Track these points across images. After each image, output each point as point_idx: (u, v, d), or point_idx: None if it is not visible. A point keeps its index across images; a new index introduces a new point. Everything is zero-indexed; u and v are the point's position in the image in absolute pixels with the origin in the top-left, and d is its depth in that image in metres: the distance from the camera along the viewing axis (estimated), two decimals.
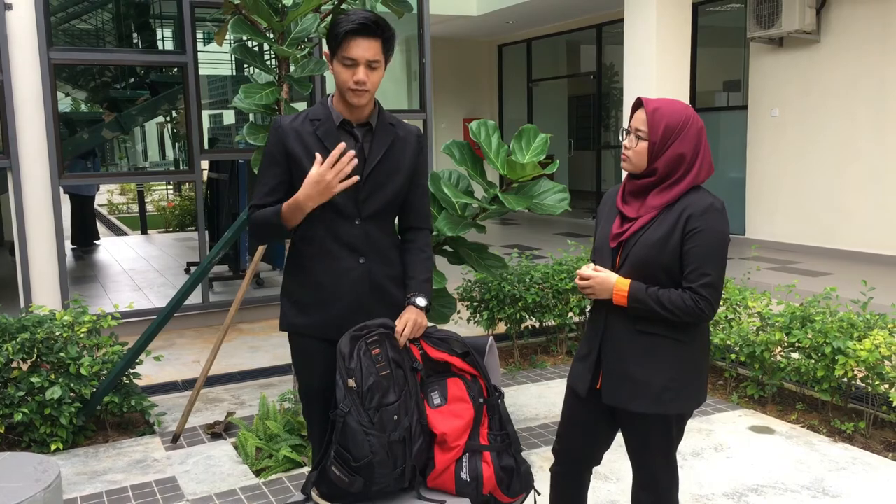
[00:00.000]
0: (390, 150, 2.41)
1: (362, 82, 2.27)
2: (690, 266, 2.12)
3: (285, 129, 2.38)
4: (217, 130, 17.32)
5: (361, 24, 2.23)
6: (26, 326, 3.87)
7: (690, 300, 2.11)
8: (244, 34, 3.81)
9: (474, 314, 5.38)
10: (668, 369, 2.20)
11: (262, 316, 6.57)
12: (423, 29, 6.74)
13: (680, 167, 2.15)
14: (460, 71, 13.93)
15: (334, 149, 2.26)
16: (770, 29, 8.43)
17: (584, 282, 2.23)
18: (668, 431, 2.27)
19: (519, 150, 3.57)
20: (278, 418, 3.90)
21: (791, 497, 3.35)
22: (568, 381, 2.44)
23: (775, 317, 4.36)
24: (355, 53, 2.25)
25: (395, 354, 2.29)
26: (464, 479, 2.32)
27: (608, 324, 2.26)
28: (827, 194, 8.58)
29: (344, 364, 2.20)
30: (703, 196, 2.17)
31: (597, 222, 2.39)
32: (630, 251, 2.19)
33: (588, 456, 2.50)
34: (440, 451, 2.32)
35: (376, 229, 2.42)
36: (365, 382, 2.18)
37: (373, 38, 2.26)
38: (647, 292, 2.15)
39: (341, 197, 2.34)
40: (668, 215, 2.16)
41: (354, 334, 2.25)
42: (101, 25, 9.81)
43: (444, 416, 2.33)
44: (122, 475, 3.66)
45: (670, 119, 2.12)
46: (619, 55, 9.15)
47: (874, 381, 3.84)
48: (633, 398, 2.22)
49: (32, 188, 5.58)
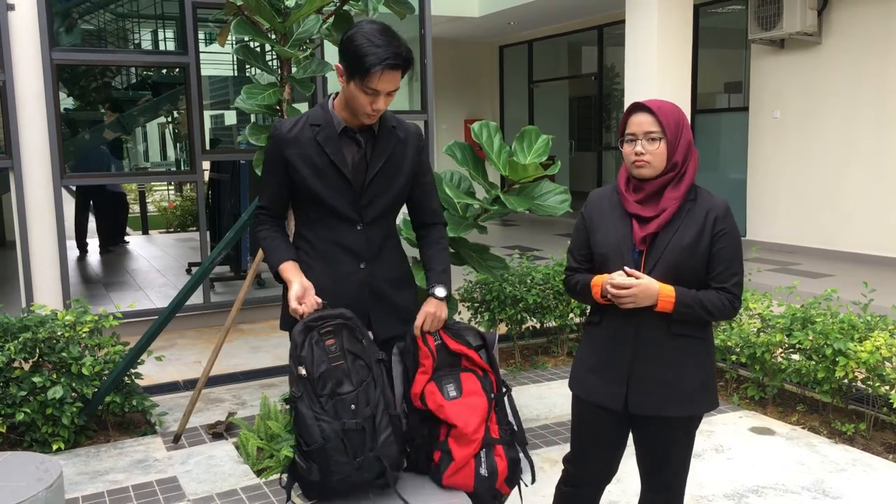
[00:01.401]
0: (392, 154, 2.42)
1: (380, 110, 2.30)
2: (720, 266, 2.15)
3: (283, 138, 2.38)
4: (218, 131, 17.33)
5: (393, 63, 2.20)
6: (28, 326, 3.87)
7: (726, 300, 2.15)
8: (246, 35, 3.82)
9: (475, 315, 5.38)
10: (699, 369, 2.21)
11: (264, 316, 6.58)
12: (425, 30, 6.75)
13: (690, 155, 2.18)
14: (462, 72, 13.94)
15: (340, 163, 2.33)
16: (771, 30, 8.43)
17: (622, 290, 2.10)
18: (693, 431, 2.29)
19: (520, 151, 3.57)
20: (279, 418, 3.91)
21: (791, 498, 3.35)
22: (585, 399, 2.32)
23: (776, 318, 4.36)
24: (380, 87, 2.23)
25: (352, 345, 2.25)
26: (482, 475, 2.30)
27: (640, 330, 2.17)
28: (828, 196, 8.59)
29: (295, 352, 2.19)
30: (717, 197, 2.22)
31: (587, 228, 2.30)
32: (661, 255, 2.15)
33: (608, 474, 2.43)
34: (458, 446, 2.30)
35: (378, 232, 2.44)
36: (316, 370, 2.16)
37: (398, 71, 2.24)
38: (692, 296, 2.13)
39: (342, 203, 2.36)
40: (692, 218, 2.16)
41: (308, 324, 2.22)
42: (103, 26, 9.83)
43: (461, 408, 2.32)
44: (124, 475, 3.67)
45: (673, 112, 2.16)
46: (621, 56, 9.16)
47: (875, 382, 3.84)
48: (668, 403, 2.18)
49: (34, 188, 5.59)
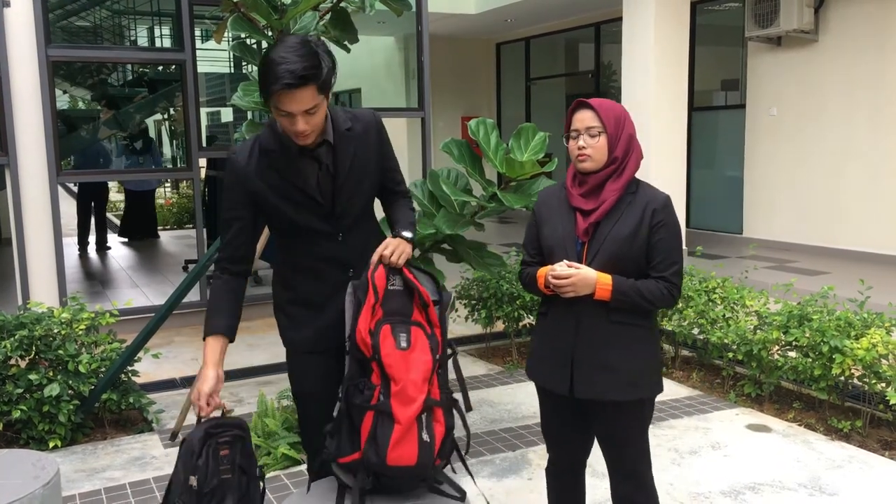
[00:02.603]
0: (355, 158, 2.31)
1: (304, 131, 2.13)
2: (659, 256, 2.26)
3: (244, 172, 2.25)
4: (215, 128, 17.30)
5: (287, 82, 2.03)
6: (24, 324, 3.87)
7: (665, 288, 2.26)
8: (243, 31, 3.81)
9: (472, 312, 5.39)
10: (641, 355, 2.31)
11: (260, 314, 6.55)
12: (422, 27, 6.74)
13: (631, 149, 2.30)
14: (458, 69, 13.91)
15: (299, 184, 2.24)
16: (768, 28, 8.43)
17: (562, 280, 2.23)
18: (644, 415, 2.37)
19: (517, 148, 3.57)
20: (276, 416, 3.91)
21: (788, 495, 3.36)
22: (538, 385, 2.46)
23: (773, 315, 4.36)
24: (289, 108, 2.08)
25: (243, 460, 2.16)
26: (425, 440, 2.13)
27: (580, 318, 2.29)
28: (825, 193, 8.59)
29: (191, 461, 2.09)
30: (657, 190, 2.33)
31: (537, 224, 2.42)
32: (601, 247, 2.26)
33: (581, 458, 2.55)
34: (401, 405, 2.11)
35: (359, 238, 2.37)
36: (208, 483, 2.08)
37: (304, 88, 2.06)
38: (629, 285, 2.24)
39: (316, 222, 2.29)
40: (631, 210, 2.27)
41: (209, 430, 2.13)
42: (98, 22, 9.80)
43: (408, 363, 2.16)
44: (121, 472, 3.67)
45: (613, 109, 2.29)
46: (618, 54, 9.15)
47: (871, 379, 3.85)
48: (610, 388, 2.28)
49: (31, 185, 5.58)
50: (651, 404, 2.39)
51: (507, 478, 3.55)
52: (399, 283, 2.28)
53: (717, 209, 9.93)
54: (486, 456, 3.77)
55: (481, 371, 5.13)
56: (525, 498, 3.33)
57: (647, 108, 8.30)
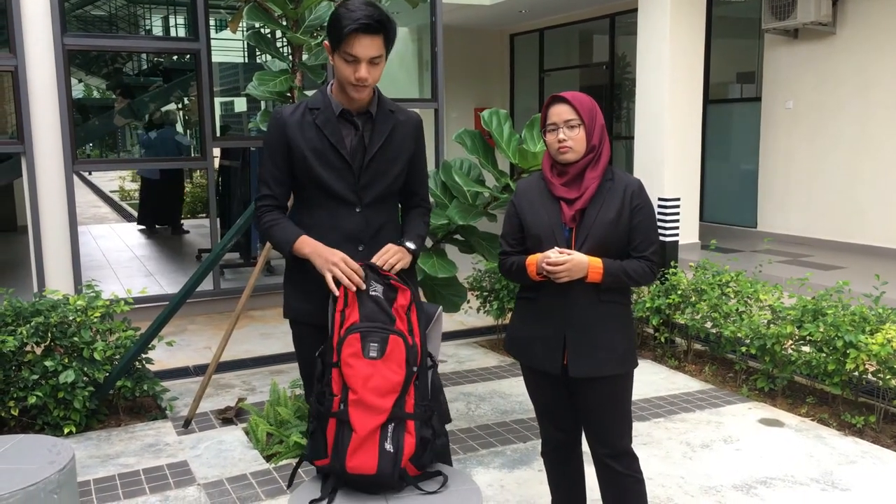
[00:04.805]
0: (390, 136, 2.43)
1: (364, 79, 2.28)
2: (639, 237, 2.42)
3: (286, 120, 2.39)
4: (229, 118, 17.35)
5: (365, 23, 2.21)
6: (40, 310, 3.90)
7: (647, 266, 2.42)
8: (258, 21, 3.82)
9: (484, 304, 5.39)
10: (625, 331, 2.47)
11: (274, 303, 6.59)
12: (436, 17, 6.72)
13: (604, 138, 2.44)
14: (472, 60, 13.87)
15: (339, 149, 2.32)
16: (785, 20, 8.35)
17: (557, 266, 2.33)
18: (630, 385, 2.52)
19: (530, 139, 3.56)
20: (289, 404, 3.93)
21: (800, 490, 3.35)
22: (530, 366, 2.54)
23: (787, 310, 4.34)
24: (358, 51, 2.24)
25: None
26: (387, 450, 2.13)
27: (571, 300, 2.40)
28: (841, 187, 8.53)
29: None
30: (629, 175, 2.48)
31: (518, 214, 2.51)
32: (589, 232, 2.38)
33: (575, 427, 2.64)
34: (360, 413, 2.12)
35: (376, 216, 2.44)
36: None
37: (375, 35, 2.24)
38: (617, 266, 2.38)
39: (341, 185, 2.37)
40: (612, 195, 2.40)
41: None
42: (114, 11, 9.84)
43: (371, 374, 2.15)
44: (135, 458, 3.70)
45: (587, 101, 2.42)
46: (633, 46, 9.09)
47: (885, 375, 3.82)
48: (604, 364, 2.40)
49: (46, 173, 5.62)
50: (631, 377, 2.53)
51: (517, 468, 3.55)
52: (380, 290, 2.27)
53: (732, 203, 9.87)
54: (497, 447, 3.78)
55: (493, 362, 5.13)
56: (536, 489, 3.34)
57: (661, 101, 8.25)
